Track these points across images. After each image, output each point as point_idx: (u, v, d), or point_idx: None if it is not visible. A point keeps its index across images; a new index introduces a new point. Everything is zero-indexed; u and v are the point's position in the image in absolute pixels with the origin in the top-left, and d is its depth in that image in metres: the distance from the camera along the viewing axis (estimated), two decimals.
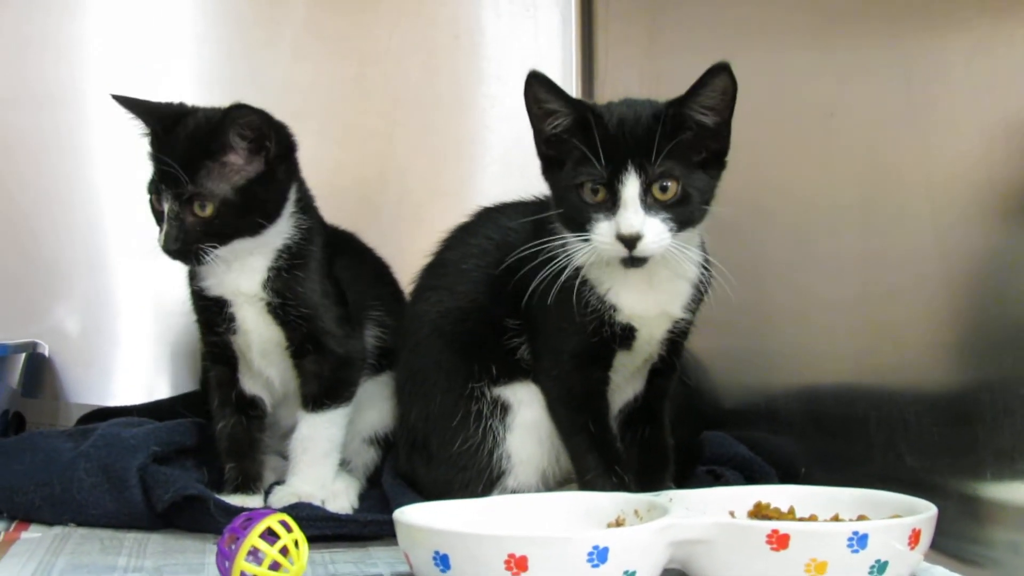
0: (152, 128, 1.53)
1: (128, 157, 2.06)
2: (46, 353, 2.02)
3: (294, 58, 2.13)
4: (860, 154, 1.45)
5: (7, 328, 1.99)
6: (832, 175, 1.49)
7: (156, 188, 1.50)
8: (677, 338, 1.42)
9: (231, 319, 1.53)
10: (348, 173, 2.08)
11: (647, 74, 1.97)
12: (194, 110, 1.54)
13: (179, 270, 2.05)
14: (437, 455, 1.46)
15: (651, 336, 1.40)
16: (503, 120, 1.60)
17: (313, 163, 2.08)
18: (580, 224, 1.31)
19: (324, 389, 1.54)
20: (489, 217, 1.55)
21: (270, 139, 1.50)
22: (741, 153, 1.36)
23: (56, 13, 2.06)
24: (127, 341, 2.09)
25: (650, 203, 1.28)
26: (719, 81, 1.29)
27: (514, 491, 1.42)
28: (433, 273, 1.55)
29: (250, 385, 1.58)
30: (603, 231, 1.29)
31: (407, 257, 1.78)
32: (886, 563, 1.10)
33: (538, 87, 1.34)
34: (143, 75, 2.10)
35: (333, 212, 1.68)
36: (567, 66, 2.18)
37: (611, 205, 1.29)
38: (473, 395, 1.43)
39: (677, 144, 1.29)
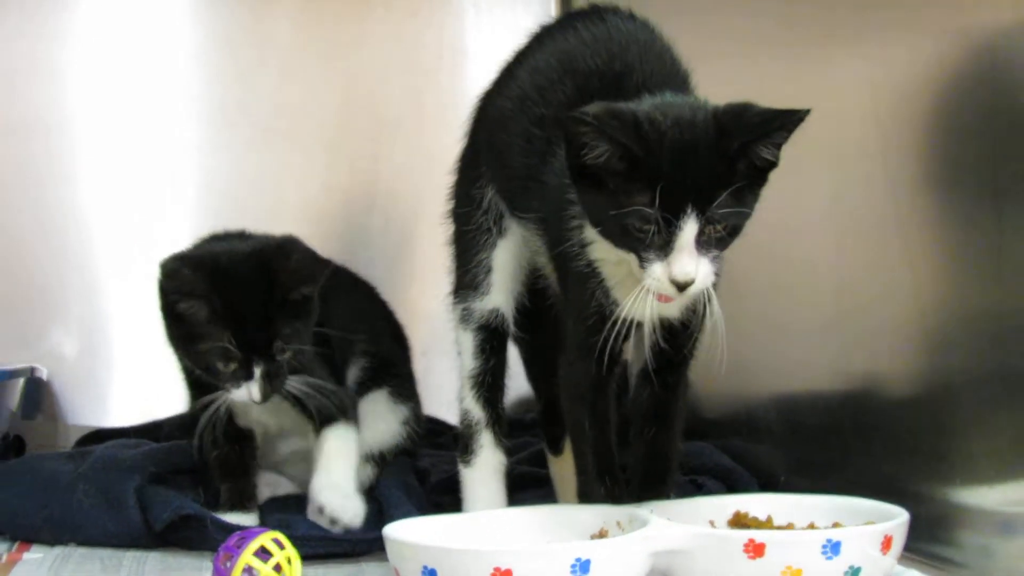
0: (217, 291, 1.42)
1: (115, 183, 2.10)
2: (44, 377, 2.04)
3: (282, 80, 2.16)
4: (828, 165, 1.47)
5: (5, 353, 2.01)
6: (802, 189, 1.50)
7: (229, 354, 1.43)
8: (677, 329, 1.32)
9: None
10: (336, 194, 2.08)
11: None
12: (249, 267, 1.47)
13: None
14: None
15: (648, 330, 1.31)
16: None
17: (303, 184, 2.11)
18: (625, 247, 1.19)
19: (324, 419, 1.56)
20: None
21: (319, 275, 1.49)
22: None
23: (44, 40, 2.09)
24: (122, 363, 2.12)
25: (705, 243, 1.16)
26: (797, 120, 1.16)
27: None
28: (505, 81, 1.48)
29: (243, 420, 1.59)
30: (656, 273, 1.16)
31: (394, 276, 1.80)
32: (859, 568, 1.13)
33: (586, 132, 1.15)
34: (135, 102, 2.12)
35: (322, 232, 1.70)
36: None
37: (663, 244, 1.15)
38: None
39: (737, 183, 1.16)
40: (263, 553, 1.15)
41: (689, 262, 1.15)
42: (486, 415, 1.45)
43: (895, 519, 1.17)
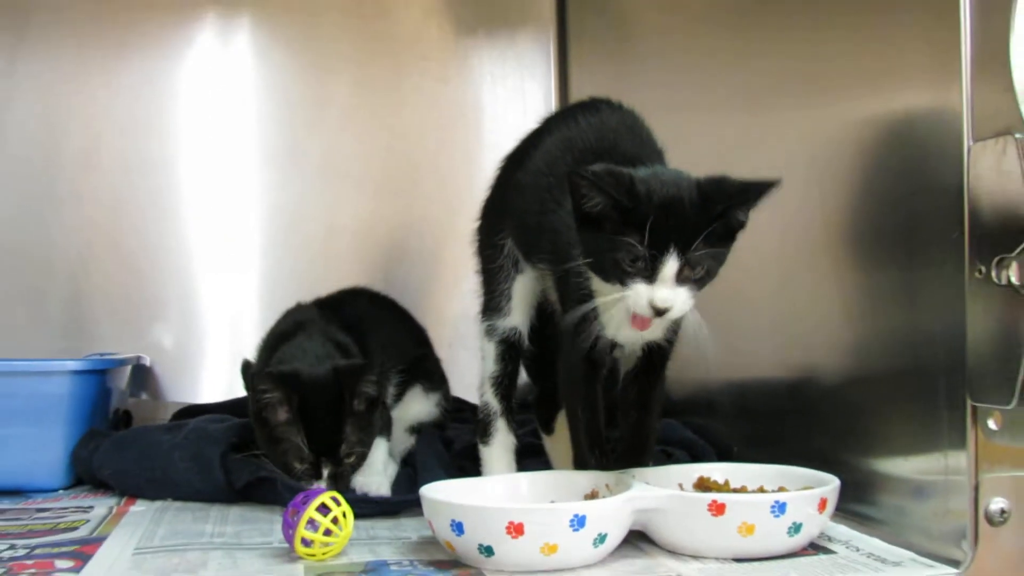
0: (298, 399, 1.36)
1: (206, 211, 2.10)
2: (148, 363, 2.03)
3: (338, 132, 2.14)
4: (772, 202, 1.41)
5: (119, 343, 2.00)
6: (755, 223, 1.47)
7: (307, 457, 1.35)
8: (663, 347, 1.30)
9: None
10: (380, 222, 2.08)
11: None
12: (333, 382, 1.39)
13: (252, 300, 2.08)
14: None
15: (632, 349, 1.31)
16: None
17: (354, 213, 2.11)
18: (614, 279, 1.16)
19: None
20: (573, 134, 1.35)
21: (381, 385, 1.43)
22: None
23: (159, 98, 2.08)
24: (210, 352, 2.09)
25: (681, 279, 1.13)
26: (768, 189, 1.14)
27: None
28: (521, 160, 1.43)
29: None
30: (640, 291, 1.13)
31: (426, 285, 1.78)
32: (800, 524, 1.11)
33: (584, 184, 1.13)
34: (221, 146, 2.11)
35: (369, 250, 1.68)
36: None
37: (648, 276, 1.12)
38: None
39: (713, 232, 1.13)
40: (323, 508, 1.13)
41: (669, 292, 1.12)
42: (501, 407, 1.42)
43: (829, 485, 1.15)
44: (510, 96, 2.21)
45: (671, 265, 1.11)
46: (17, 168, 2.02)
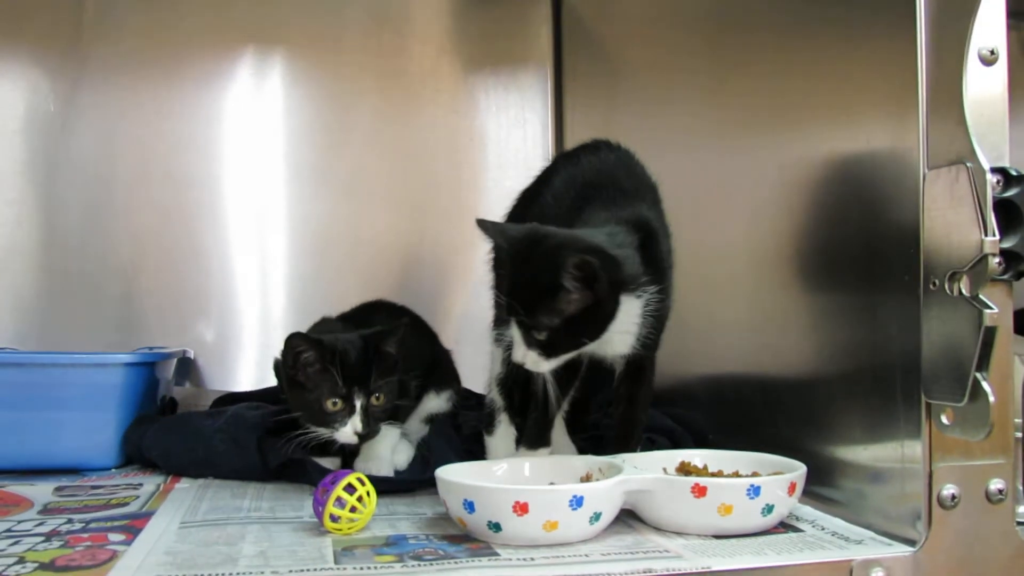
0: (326, 354, 1.32)
1: (245, 221, 2.06)
2: (191, 356, 2.00)
3: (361, 154, 2.11)
4: (746, 221, 1.42)
5: (166, 338, 1.97)
6: (728, 235, 1.47)
7: (340, 390, 1.31)
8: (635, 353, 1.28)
9: None
10: (398, 233, 2.07)
11: None
12: (360, 338, 1.35)
13: (283, 301, 2.05)
14: None
15: (609, 360, 1.30)
16: (502, 196, 1.60)
17: (374, 225, 2.09)
18: None
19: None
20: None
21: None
22: (675, 218, 1.33)
23: (203, 122, 2.04)
24: (247, 346, 2.05)
25: (530, 341, 1.13)
26: (574, 265, 1.10)
27: None
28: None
29: None
30: (514, 349, 1.17)
31: (437, 289, 1.75)
32: (772, 505, 1.08)
33: (486, 229, 1.16)
34: (258, 165, 2.07)
35: (386, 258, 1.65)
36: (546, 158, 2.15)
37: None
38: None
39: (550, 301, 1.11)
40: (349, 488, 1.10)
41: (519, 351, 1.13)
42: (505, 403, 1.39)
43: (797, 470, 1.12)
44: (512, 124, 2.18)
45: (516, 330, 1.12)
46: (78, 182, 1.98)
